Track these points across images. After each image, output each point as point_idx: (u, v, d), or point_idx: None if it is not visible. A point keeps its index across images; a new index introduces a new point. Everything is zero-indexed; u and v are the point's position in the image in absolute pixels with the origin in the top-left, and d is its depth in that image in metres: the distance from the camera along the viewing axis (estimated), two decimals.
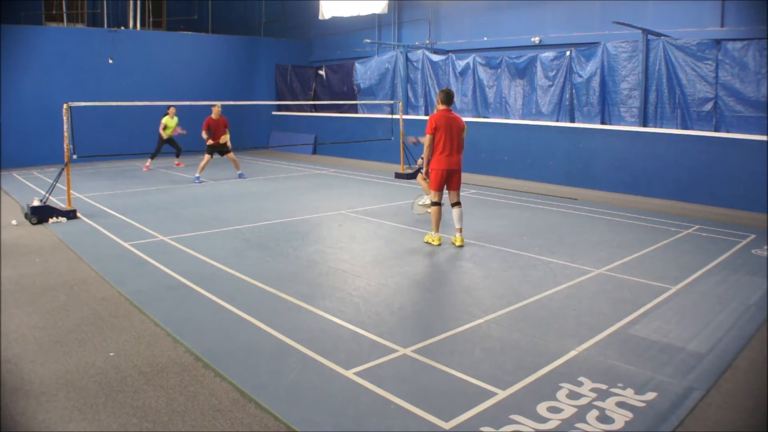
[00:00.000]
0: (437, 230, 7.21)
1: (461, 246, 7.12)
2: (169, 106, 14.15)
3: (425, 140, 6.93)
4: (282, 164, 16.28)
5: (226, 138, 12.64)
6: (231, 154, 13.00)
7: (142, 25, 19.17)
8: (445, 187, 7.13)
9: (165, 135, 14.18)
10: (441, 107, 6.98)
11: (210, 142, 12.52)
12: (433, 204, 7.15)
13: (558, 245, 7.34)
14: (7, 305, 5.17)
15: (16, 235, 7.86)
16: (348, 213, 9.35)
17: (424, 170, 7.16)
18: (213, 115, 12.54)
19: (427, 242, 7.27)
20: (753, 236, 7.89)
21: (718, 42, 10.44)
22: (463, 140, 7.04)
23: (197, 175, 12.71)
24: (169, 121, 14.16)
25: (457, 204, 7.18)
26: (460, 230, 7.17)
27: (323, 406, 3.50)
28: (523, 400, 3.54)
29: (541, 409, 3.45)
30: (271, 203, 10.29)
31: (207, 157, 12.65)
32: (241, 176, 13.18)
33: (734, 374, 3.97)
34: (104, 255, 6.85)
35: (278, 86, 20.55)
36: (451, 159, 6.94)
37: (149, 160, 14.69)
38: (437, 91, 15.67)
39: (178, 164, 15.26)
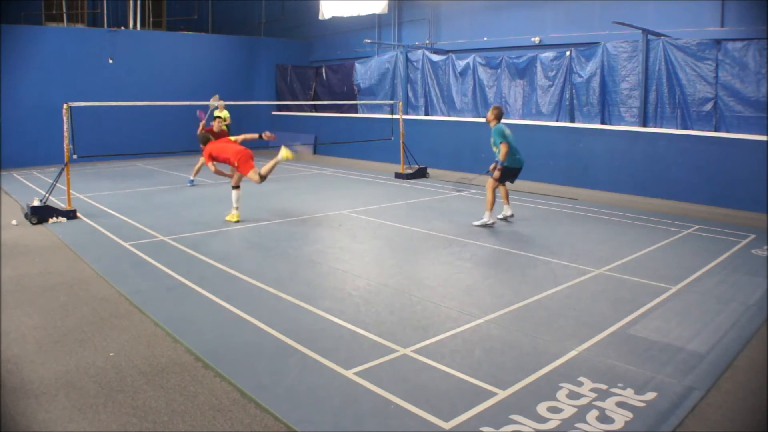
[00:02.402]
0: (236, 208, 8.50)
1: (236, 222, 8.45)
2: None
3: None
4: (282, 164, 16.23)
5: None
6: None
7: (142, 25, 19.17)
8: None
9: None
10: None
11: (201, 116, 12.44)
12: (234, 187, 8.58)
13: (558, 245, 7.34)
14: (7, 305, 5.17)
15: (16, 235, 7.86)
16: (348, 213, 9.35)
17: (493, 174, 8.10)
18: (214, 128, 12.37)
19: (228, 220, 8.51)
20: (753, 236, 7.89)
21: (718, 42, 10.44)
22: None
23: (191, 178, 12.65)
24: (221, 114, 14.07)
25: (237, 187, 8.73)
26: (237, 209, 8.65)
27: (323, 406, 3.50)
28: (523, 400, 3.54)
29: (541, 409, 3.45)
30: (271, 203, 10.29)
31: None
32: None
33: (734, 374, 3.97)
34: (104, 255, 6.85)
35: (278, 86, 20.55)
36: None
37: None
38: (437, 91, 15.75)
39: None
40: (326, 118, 18.94)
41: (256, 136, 9.30)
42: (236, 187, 8.66)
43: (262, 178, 8.36)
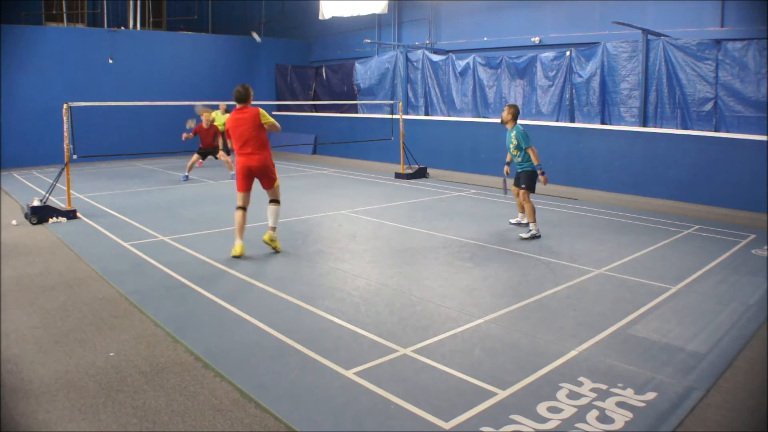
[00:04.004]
0: (239, 238, 6.62)
1: (271, 245, 6.72)
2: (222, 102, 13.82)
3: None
4: (282, 164, 16.26)
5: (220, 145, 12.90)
6: (222, 154, 12.97)
7: (142, 25, 19.17)
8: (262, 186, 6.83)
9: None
10: (237, 106, 6.60)
11: (187, 136, 12.52)
12: (237, 208, 6.69)
13: (558, 245, 7.34)
14: (7, 305, 5.17)
15: (16, 235, 7.86)
16: (348, 213, 9.35)
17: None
18: (203, 124, 12.64)
19: (234, 255, 6.59)
20: (753, 236, 7.89)
21: (718, 42, 10.44)
22: (260, 134, 6.50)
23: (186, 174, 12.95)
24: (219, 117, 13.85)
25: (273, 201, 6.77)
26: (273, 229, 6.75)
27: (323, 406, 3.50)
28: (523, 400, 3.54)
29: (541, 409, 3.45)
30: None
31: (195, 156, 12.85)
32: (233, 177, 13.03)
33: (734, 374, 3.97)
34: (104, 255, 6.85)
35: (278, 86, 20.54)
36: (251, 158, 6.52)
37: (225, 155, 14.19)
38: (437, 91, 15.75)
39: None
40: (326, 118, 18.94)
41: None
42: (241, 207, 6.74)
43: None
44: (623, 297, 5.43)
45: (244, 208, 6.74)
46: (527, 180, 7.76)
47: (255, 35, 15.94)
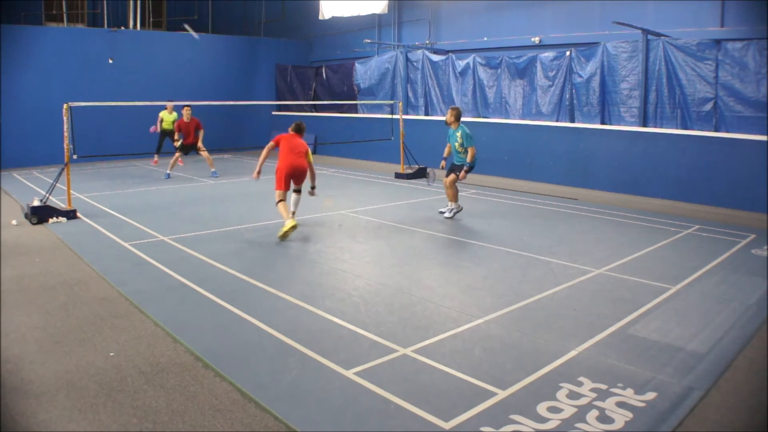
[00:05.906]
0: (289, 216, 7.65)
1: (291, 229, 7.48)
2: (169, 101, 14.21)
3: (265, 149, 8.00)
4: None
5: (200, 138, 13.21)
6: (204, 153, 13.24)
7: (142, 25, 19.17)
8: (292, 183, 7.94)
9: (159, 129, 14.09)
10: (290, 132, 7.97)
11: (177, 144, 13.07)
12: (279, 202, 7.74)
13: (558, 245, 7.34)
14: (7, 305, 5.17)
15: (16, 235, 7.86)
16: (348, 213, 9.35)
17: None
18: (184, 118, 12.90)
19: (285, 233, 7.48)
20: (753, 236, 7.89)
21: (718, 42, 10.44)
22: (305, 159, 7.83)
23: (167, 172, 13.28)
24: (166, 116, 14.00)
25: (298, 191, 8.09)
26: (293, 213, 7.91)
27: (323, 406, 3.50)
28: (523, 400, 3.54)
29: (541, 409, 3.45)
30: (271, 203, 10.26)
31: (176, 155, 13.26)
32: (214, 174, 13.41)
33: (734, 374, 3.98)
34: (104, 255, 6.85)
35: (278, 86, 20.54)
36: (299, 159, 7.77)
37: (156, 155, 14.75)
38: (437, 91, 15.75)
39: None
40: (326, 118, 18.93)
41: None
42: (297, 191, 8.11)
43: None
44: (623, 297, 5.43)
45: (284, 200, 7.79)
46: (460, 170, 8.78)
47: (190, 30, 15.94)
